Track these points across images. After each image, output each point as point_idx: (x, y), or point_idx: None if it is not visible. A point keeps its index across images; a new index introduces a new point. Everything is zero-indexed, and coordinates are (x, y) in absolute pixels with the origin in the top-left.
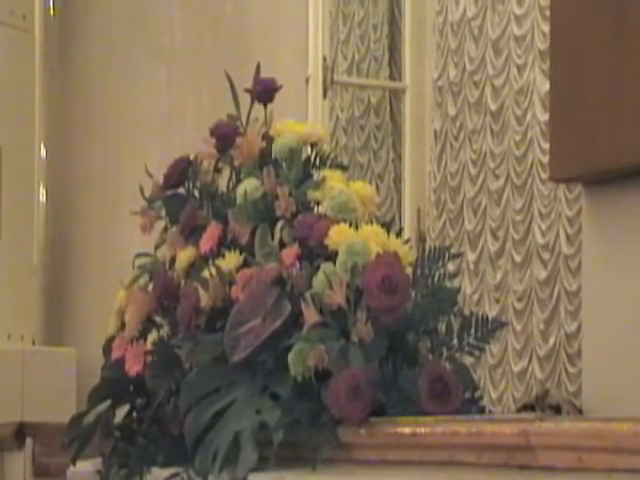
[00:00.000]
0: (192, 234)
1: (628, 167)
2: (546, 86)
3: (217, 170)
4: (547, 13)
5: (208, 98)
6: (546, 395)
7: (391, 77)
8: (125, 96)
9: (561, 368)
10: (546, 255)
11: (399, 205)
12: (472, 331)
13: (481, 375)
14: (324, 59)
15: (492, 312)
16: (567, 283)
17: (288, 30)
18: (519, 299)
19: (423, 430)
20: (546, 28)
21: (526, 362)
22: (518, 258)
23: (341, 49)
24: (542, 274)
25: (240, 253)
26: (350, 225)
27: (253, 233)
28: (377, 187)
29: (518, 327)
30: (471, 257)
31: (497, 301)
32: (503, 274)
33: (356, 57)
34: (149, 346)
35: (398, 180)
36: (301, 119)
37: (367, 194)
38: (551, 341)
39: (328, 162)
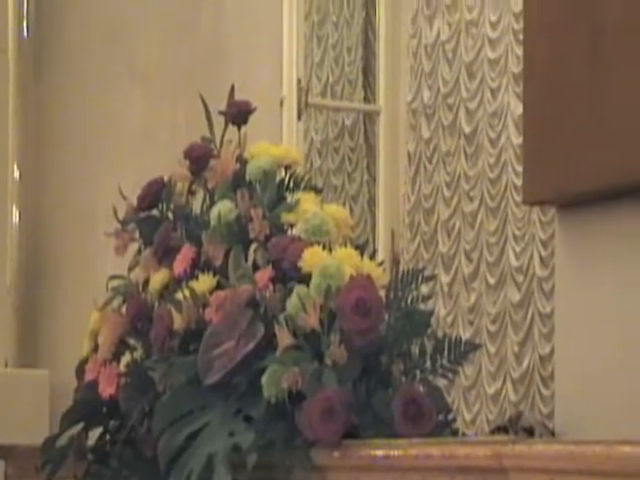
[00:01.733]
0: (166, 256)
1: (601, 190)
2: (520, 109)
3: (191, 192)
4: (521, 37)
5: (183, 119)
6: (519, 417)
7: (365, 99)
8: (100, 117)
9: (535, 390)
10: (520, 277)
11: (373, 227)
12: (445, 353)
13: (455, 397)
14: (298, 81)
15: (466, 334)
16: (541, 305)
17: (263, 52)
18: (493, 321)
19: (396, 452)
20: (520, 51)
21: (500, 384)
22: (492, 280)
23: (315, 71)
24: (516, 296)
25: (214, 275)
26: (324, 248)
27: (227, 255)
28: (351, 209)
29: (492, 349)
30: (445, 279)
31: (471, 323)
32: (477, 296)
33: (330, 79)
34: (122, 368)
35: (372, 202)
36: (275, 141)
37: (341, 217)
38: (525, 363)
39: (302, 184)
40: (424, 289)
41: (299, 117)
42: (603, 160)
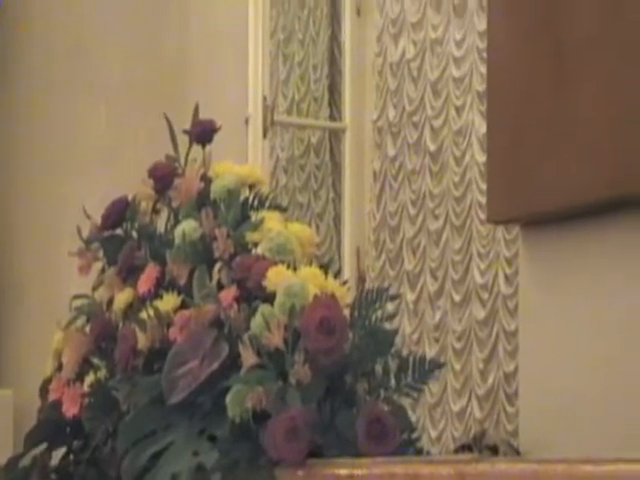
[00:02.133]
0: (130, 275)
1: (564, 209)
2: (484, 127)
3: (155, 211)
4: (485, 55)
5: (147, 137)
6: (483, 435)
7: (331, 117)
8: (64, 134)
9: (500, 408)
10: (485, 295)
11: (339, 245)
12: (410, 372)
13: (421, 414)
14: (264, 99)
15: (431, 352)
16: (506, 323)
17: (228, 70)
18: (458, 339)
19: (360, 472)
20: (484, 70)
21: (465, 401)
22: (457, 298)
23: (281, 89)
24: (481, 314)
25: (178, 294)
26: (288, 267)
27: (191, 274)
28: (317, 227)
29: (457, 367)
30: (410, 297)
31: (436, 341)
32: (442, 314)
33: (296, 97)
34: (86, 388)
35: (338, 220)
36: (241, 159)
37: (305, 235)
38: (490, 381)
39: (267, 203)
40: (389, 307)
41: (265, 135)
42: (566, 178)
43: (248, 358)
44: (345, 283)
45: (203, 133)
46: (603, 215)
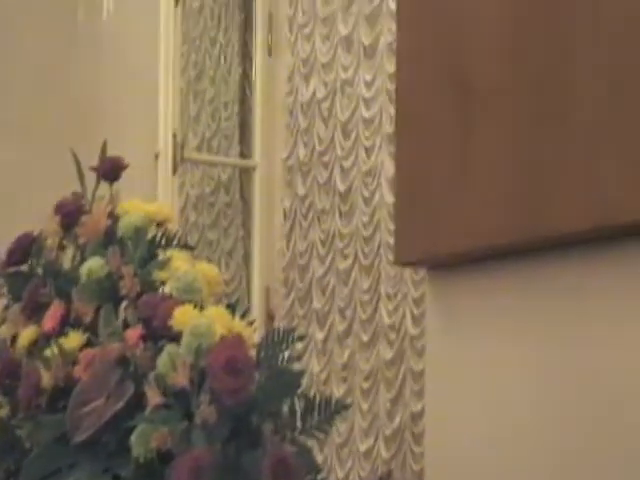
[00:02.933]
0: (35, 312)
1: (470, 252)
2: (393, 169)
3: (61, 248)
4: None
5: (55, 174)
6: (390, 475)
7: (241, 155)
8: None
9: (406, 448)
10: (392, 335)
11: (248, 283)
12: (316, 413)
13: (328, 454)
14: (174, 135)
15: (339, 391)
16: (413, 363)
17: (138, 105)
18: (366, 378)
19: None
20: (394, 111)
21: (372, 441)
22: (365, 338)
23: (192, 126)
24: (388, 354)
25: (84, 332)
26: (195, 306)
27: (97, 312)
28: (226, 264)
29: (365, 406)
30: (319, 336)
31: (344, 380)
32: (350, 353)
33: (207, 134)
34: None
35: (247, 258)
36: (150, 195)
37: (213, 275)
38: (397, 421)
39: (174, 242)
40: (298, 345)
41: (174, 171)
42: (472, 222)
43: (153, 397)
44: (252, 323)
45: (111, 170)
46: (507, 259)
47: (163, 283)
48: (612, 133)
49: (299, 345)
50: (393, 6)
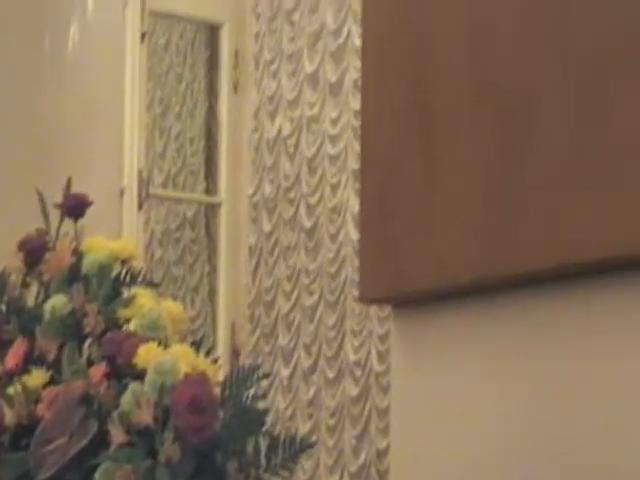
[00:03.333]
0: None
1: (435, 289)
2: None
3: (25, 285)
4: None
5: (19, 211)
6: None
7: (207, 191)
8: None
9: None
10: (358, 372)
11: (214, 319)
12: (280, 451)
13: None
14: (140, 172)
15: (305, 428)
16: (378, 400)
17: (104, 141)
18: (331, 415)
19: None
20: (359, 148)
21: (337, 478)
22: (331, 374)
23: (157, 162)
24: (354, 391)
25: (47, 370)
26: (160, 344)
27: (61, 350)
28: (192, 301)
29: (330, 443)
30: (285, 372)
31: (310, 417)
32: (316, 390)
33: (172, 170)
34: None
35: (213, 294)
36: (116, 231)
37: (177, 312)
38: (362, 457)
39: (139, 279)
40: (262, 384)
41: (140, 208)
42: (437, 259)
43: (117, 435)
44: (217, 360)
45: (75, 207)
46: (472, 296)
47: (127, 321)
48: (575, 171)
49: (264, 382)
50: (358, 43)
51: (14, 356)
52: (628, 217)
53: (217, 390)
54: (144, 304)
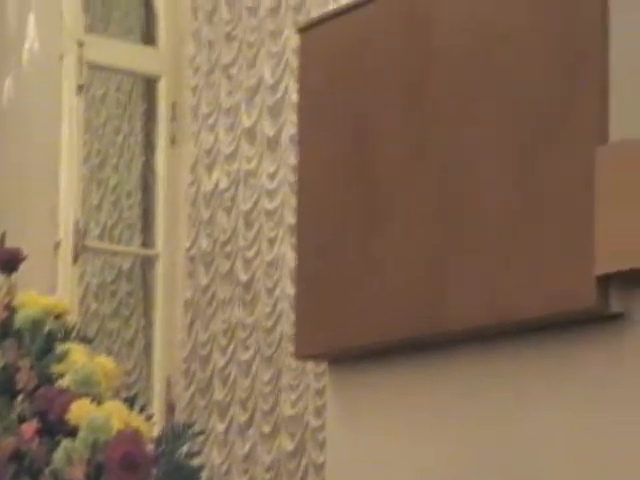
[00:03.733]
0: None
1: (370, 345)
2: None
3: None
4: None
5: None
6: None
7: (144, 244)
8: None
9: None
10: (294, 427)
11: (149, 373)
12: None
13: None
14: (76, 224)
15: None
16: (314, 455)
17: (39, 193)
18: (267, 470)
19: None
20: (296, 203)
21: None
22: (267, 429)
23: (94, 214)
24: (290, 446)
25: None
26: (93, 400)
27: None
28: (127, 355)
29: None
30: (220, 427)
31: (245, 472)
32: (252, 445)
33: (109, 223)
34: None
35: (148, 348)
36: (50, 284)
37: (111, 368)
38: None
39: (73, 334)
40: (197, 440)
41: (75, 260)
42: (373, 316)
43: None
44: (151, 417)
45: (8, 262)
46: (407, 353)
47: (61, 376)
48: (512, 231)
49: (199, 438)
50: (296, 98)
51: None
52: (548, 280)
53: (151, 446)
54: (77, 359)
